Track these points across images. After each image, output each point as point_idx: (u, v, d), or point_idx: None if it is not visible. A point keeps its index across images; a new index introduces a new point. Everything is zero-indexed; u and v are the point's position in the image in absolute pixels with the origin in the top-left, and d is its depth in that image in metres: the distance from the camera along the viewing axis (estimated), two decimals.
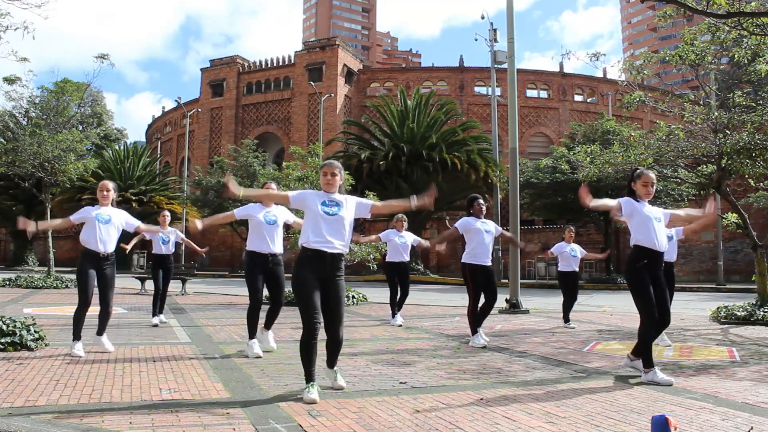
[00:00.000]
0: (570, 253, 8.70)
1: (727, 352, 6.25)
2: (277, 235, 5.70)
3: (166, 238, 8.35)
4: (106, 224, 5.56)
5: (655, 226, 4.73)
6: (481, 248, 6.52)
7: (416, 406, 3.74)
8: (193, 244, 8.96)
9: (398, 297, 8.90)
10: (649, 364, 4.59)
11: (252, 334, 5.63)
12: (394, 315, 8.73)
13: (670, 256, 7.03)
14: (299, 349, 3.96)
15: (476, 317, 6.55)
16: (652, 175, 4.87)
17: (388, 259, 9.00)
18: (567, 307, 8.72)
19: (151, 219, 23.43)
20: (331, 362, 4.24)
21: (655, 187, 4.90)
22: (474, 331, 6.50)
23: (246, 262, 5.68)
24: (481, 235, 6.51)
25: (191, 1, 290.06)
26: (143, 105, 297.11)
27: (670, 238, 7.04)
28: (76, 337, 5.43)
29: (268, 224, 5.62)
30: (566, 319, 8.64)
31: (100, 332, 5.63)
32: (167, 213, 8.66)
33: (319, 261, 4.01)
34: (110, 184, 5.81)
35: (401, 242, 8.88)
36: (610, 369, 5.17)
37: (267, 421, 3.32)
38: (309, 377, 3.89)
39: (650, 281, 4.68)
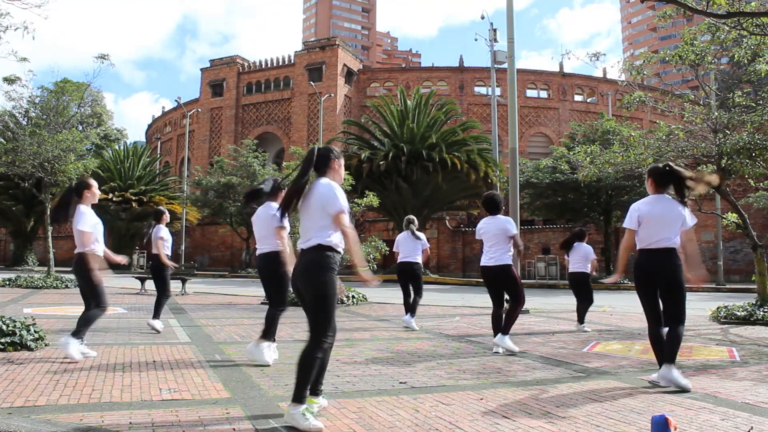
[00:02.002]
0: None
1: (727, 352, 6.25)
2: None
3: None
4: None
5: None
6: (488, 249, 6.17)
7: (416, 406, 3.74)
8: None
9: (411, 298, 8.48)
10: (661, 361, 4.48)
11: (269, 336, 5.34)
12: (407, 314, 8.28)
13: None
14: (304, 363, 3.28)
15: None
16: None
17: (399, 259, 8.55)
18: (581, 308, 8.53)
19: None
20: (319, 387, 3.56)
21: None
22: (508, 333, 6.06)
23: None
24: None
25: (188, 0, 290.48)
26: (141, 105, 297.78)
27: None
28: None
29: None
30: (581, 320, 8.41)
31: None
32: (166, 212, 8.52)
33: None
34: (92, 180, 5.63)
35: (413, 242, 8.47)
36: (610, 369, 5.17)
37: (267, 421, 3.32)
38: (302, 398, 3.26)
39: (656, 287, 4.51)
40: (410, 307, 8.31)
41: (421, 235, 8.63)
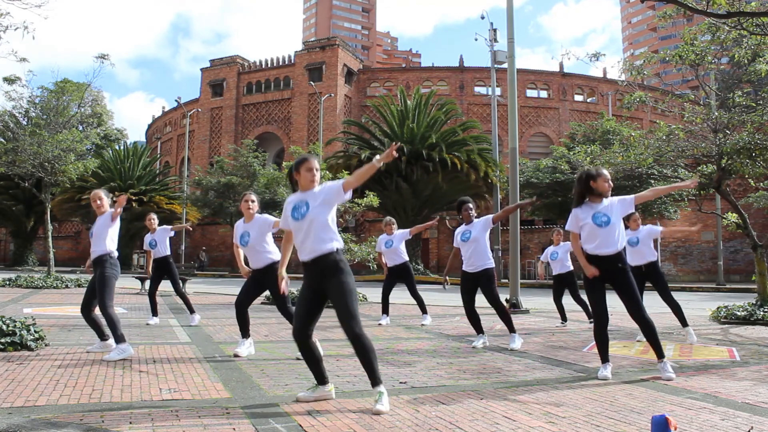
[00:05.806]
0: (551, 258, 8.78)
1: (727, 352, 6.25)
2: (258, 251, 5.57)
3: (153, 242, 8.17)
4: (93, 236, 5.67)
5: (599, 232, 4.76)
6: (463, 256, 6.60)
7: (416, 406, 3.74)
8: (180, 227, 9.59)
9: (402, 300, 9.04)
10: (603, 359, 4.82)
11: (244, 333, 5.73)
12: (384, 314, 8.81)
13: (647, 257, 7.05)
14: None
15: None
16: (604, 172, 4.94)
17: (387, 264, 9.05)
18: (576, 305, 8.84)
19: None
20: (370, 377, 3.71)
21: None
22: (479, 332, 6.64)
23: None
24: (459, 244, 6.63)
25: None
26: (136, 104, 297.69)
27: (635, 242, 7.05)
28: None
29: (243, 246, 5.61)
30: (564, 318, 8.82)
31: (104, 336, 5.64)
32: (153, 216, 8.48)
33: (306, 270, 3.84)
34: (101, 192, 5.68)
35: (388, 248, 8.92)
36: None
37: (267, 421, 3.32)
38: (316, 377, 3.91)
39: (602, 285, 4.74)
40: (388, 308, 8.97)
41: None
